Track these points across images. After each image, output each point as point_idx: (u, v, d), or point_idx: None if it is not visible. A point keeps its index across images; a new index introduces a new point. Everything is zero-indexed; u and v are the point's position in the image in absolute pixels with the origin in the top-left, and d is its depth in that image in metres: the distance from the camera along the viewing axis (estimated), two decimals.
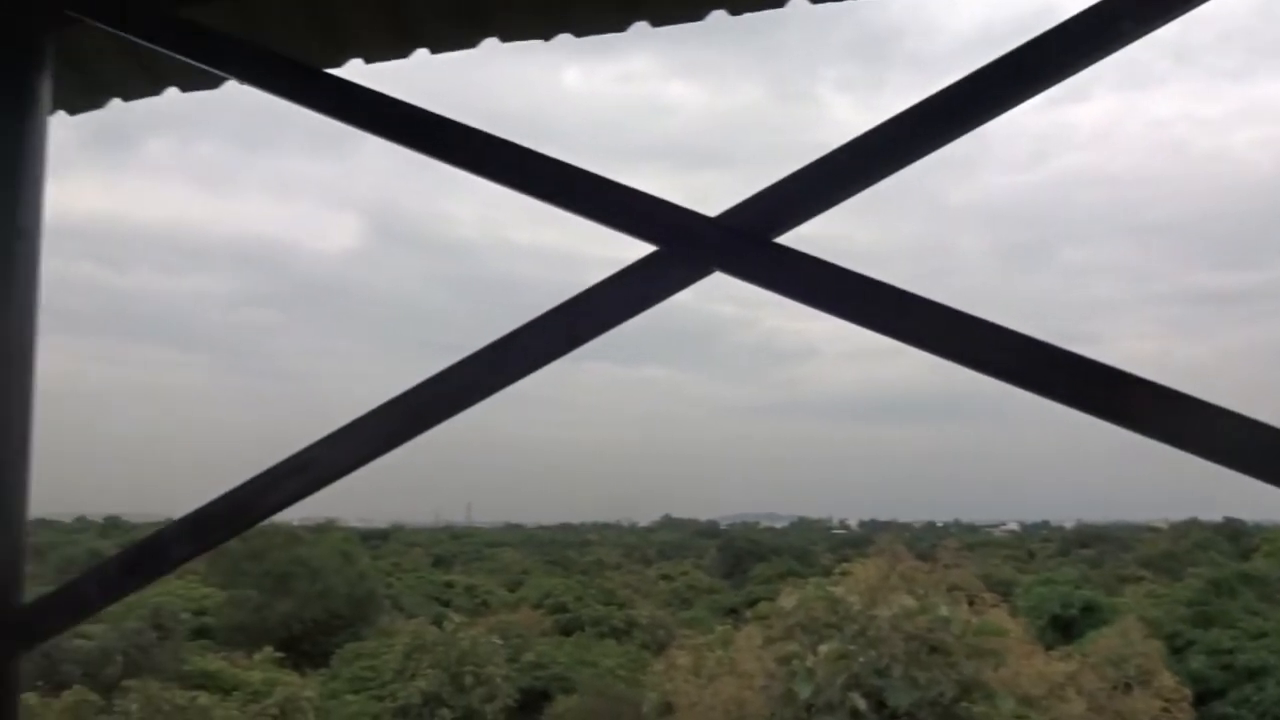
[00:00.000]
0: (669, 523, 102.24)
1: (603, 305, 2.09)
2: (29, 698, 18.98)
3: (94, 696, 20.05)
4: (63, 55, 2.70)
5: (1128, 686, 16.01)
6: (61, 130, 2.84)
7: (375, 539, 69.74)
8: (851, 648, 10.92)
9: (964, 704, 10.78)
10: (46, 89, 2.51)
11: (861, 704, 10.61)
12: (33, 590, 2.42)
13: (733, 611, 46.53)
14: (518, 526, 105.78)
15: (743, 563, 61.83)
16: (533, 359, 2.13)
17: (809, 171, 1.97)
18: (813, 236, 1.99)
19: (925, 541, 54.42)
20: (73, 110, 3.16)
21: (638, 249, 2.10)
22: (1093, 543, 70.54)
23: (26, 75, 2.46)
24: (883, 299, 1.85)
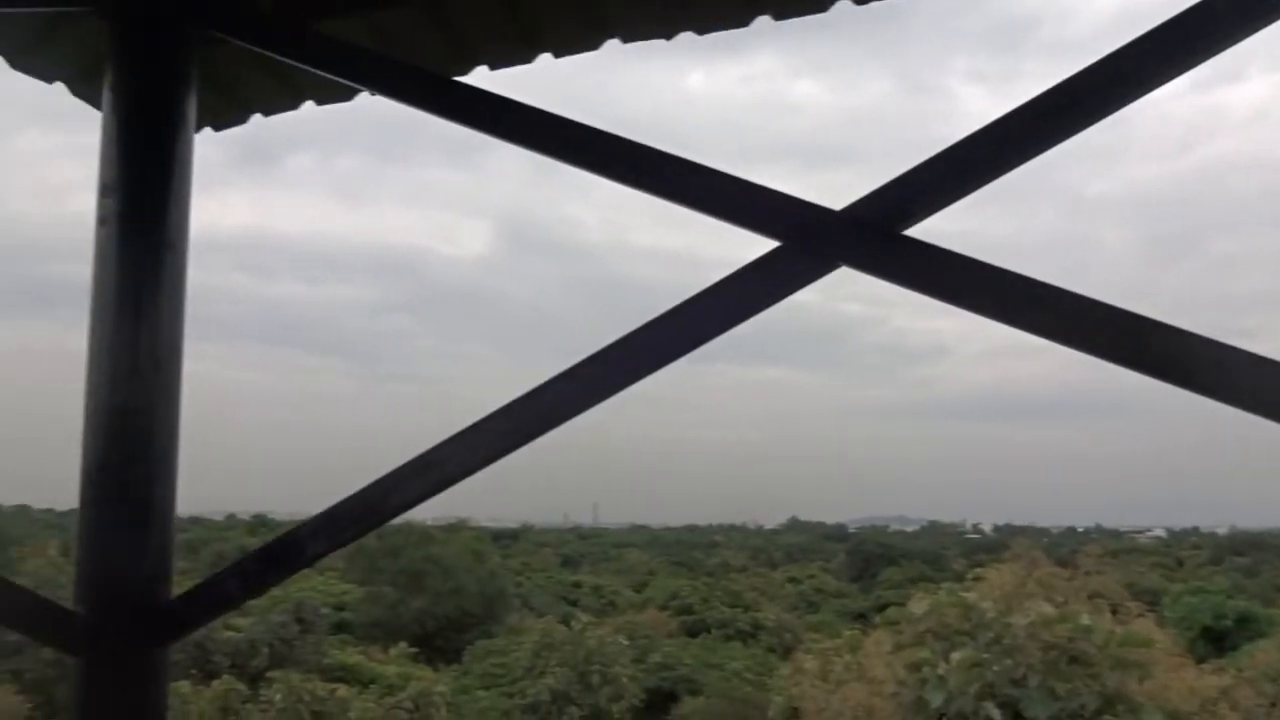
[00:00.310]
0: (795, 525, 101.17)
1: (725, 303, 2.06)
2: (183, 686, 20.05)
3: (241, 686, 21.02)
4: (206, 73, 2.83)
5: None
6: (212, 149, 2.97)
7: (505, 539, 71.20)
8: (986, 656, 10.57)
9: (1106, 717, 10.31)
10: (192, 106, 2.63)
11: (996, 714, 10.25)
12: (181, 584, 2.54)
13: (861, 616, 45.77)
14: (644, 528, 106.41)
15: (871, 567, 60.73)
16: (655, 358, 2.12)
17: (938, 161, 1.90)
18: (940, 232, 1.92)
19: (1064, 547, 52.42)
20: (217, 126, 3.31)
21: (762, 248, 2.06)
22: (1247, 550, 66.73)
23: (173, 93, 2.58)
24: (1020, 292, 1.77)
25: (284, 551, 2.42)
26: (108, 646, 2.41)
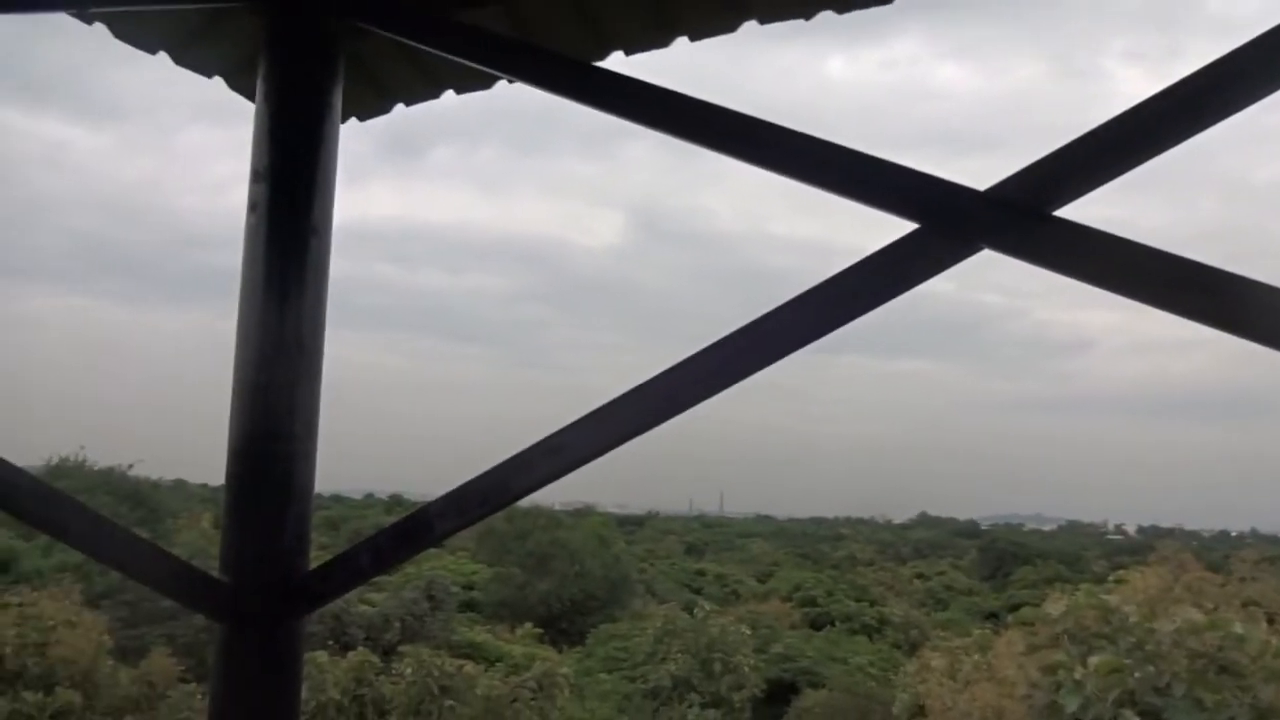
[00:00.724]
0: (925, 520, 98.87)
1: (860, 286, 2.01)
2: (320, 656, 20.93)
3: (374, 658, 21.79)
4: (353, 64, 2.91)
5: None
6: (360, 142, 3.05)
7: (631, 525, 71.89)
8: (1127, 661, 10.08)
9: None
10: (338, 96, 2.71)
11: None
12: (319, 558, 2.63)
13: (992, 615, 44.54)
14: (769, 518, 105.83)
15: (1004, 565, 58.91)
16: (786, 343, 2.08)
17: (1088, 140, 1.80)
18: (1089, 221, 1.82)
19: (1216, 551, 49.72)
20: (362, 117, 3.41)
21: (900, 232, 2.00)
22: None
23: (322, 83, 2.66)
24: (1180, 275, 1.65)
25: (414, 529, 2.48)
26: (249, 615, 2.52)
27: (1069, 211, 1.82)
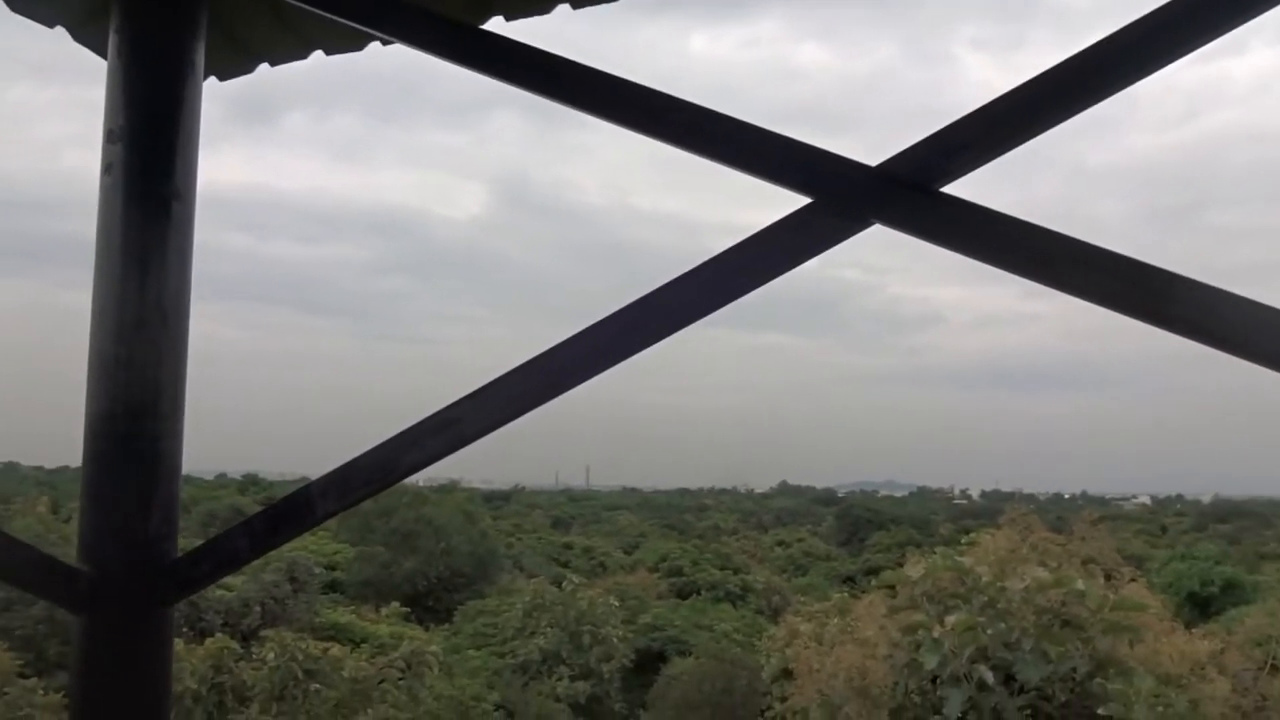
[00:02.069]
0: (786, 489, 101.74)
1: (751, 261, 2.01)
2: (175, 644, 20.10)
3: (234, 644, 21.10)
4: (214, 20, 2.74)
5: (1274, 668, 15.21)
6: (208, 105, 2.87)
7: (497, 500, 71.54)
8: (980, 619, 10.63)
9: (1098, 680, 10.40)
10: (200, 53, 2.55)
11: (989, 677, 10.33)
12: (183, 542, 2.49)
13: (849, 579, 46.17)
14: (635, 490, 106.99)
15: (860, 531, 61.25)
16: (676, 318, 2.07)
17: (976, 117, 1.84)
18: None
19: (1052, 513, 52.83)
20: (222, 76, 3.22)
21: (766, 213, 2.01)
22: (1231, 518, 67.46)
23: (181, 40, 2.50)
24: (1064, 251, 1.71)
25: (294, 510, 2.37)
26: (112, 605, 2.37)
27: (956, 188, 1.86)
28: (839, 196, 1.94)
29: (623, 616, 32.71)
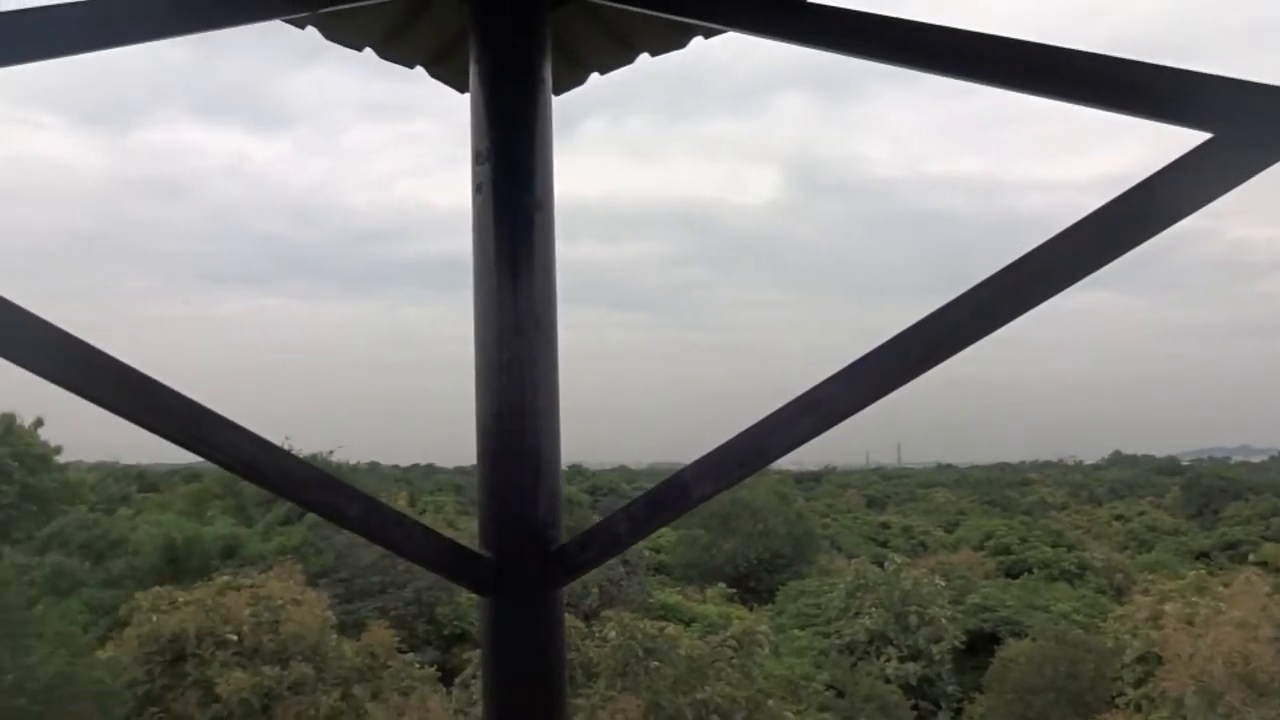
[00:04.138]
0: (1120, 459, 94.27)
1: (1144, 209, 1.85)
2: None
3: (580, 624, 22.46)
4: (553, 38, 2.91)
5: None
6: None
7: (808, 481, 71.42)
8: None
9: None
10: (549, 71, 2.71)
11: None
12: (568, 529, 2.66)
13: (1203, 555, 42.25)
14: (950, 467, 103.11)
15: (1212, 502, 55.58)
16: (1058, 279, 1.95)
17: None
18: None
19: None
20: (559, 90, 3.41)
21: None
22: None
23: (533, 61, 2.67)
24: None
25: (670, 495, 2.46)
26: (513, 588, 2.57)
27: None
28: (1246, 128, 1.75)
29: (950, 596, 31.69)
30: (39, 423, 35.38)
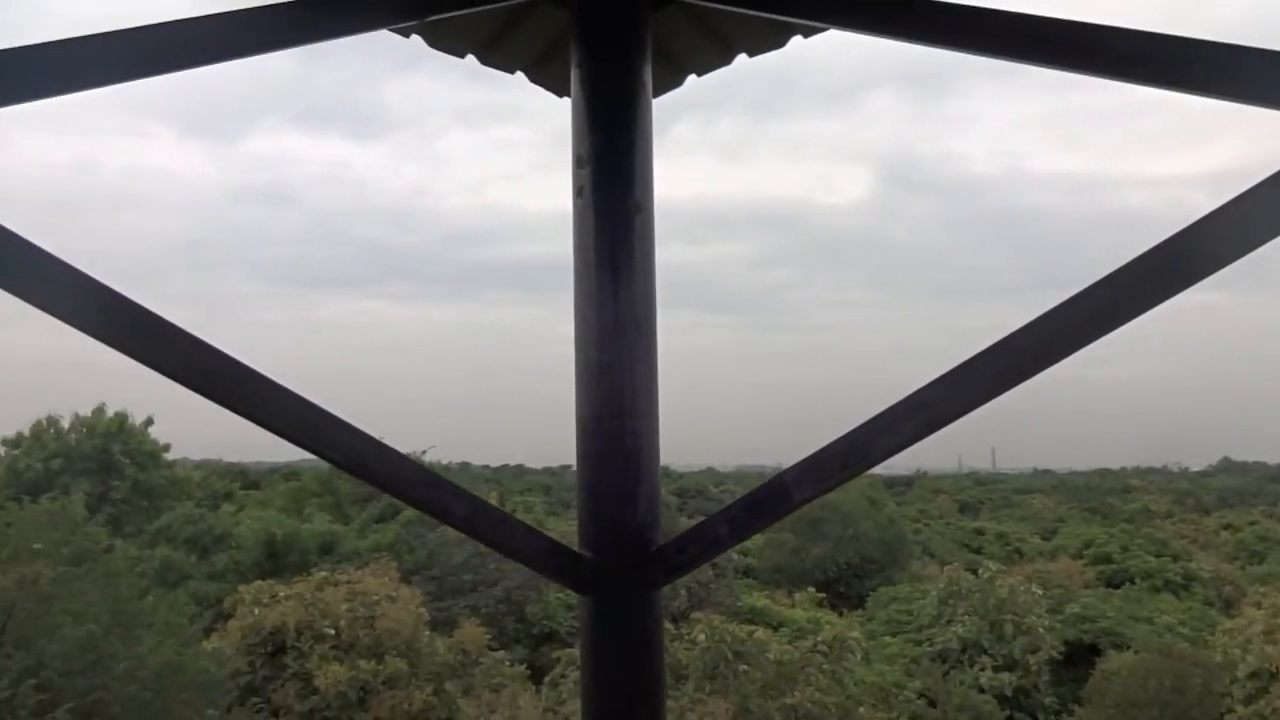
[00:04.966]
0: (1229, 466, 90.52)
1: (1258, 215, 1.79)
2: None
3: (669, 626, 22.50)
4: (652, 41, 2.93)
5: None
6: None
7: (899, 485, 70.27)
8: None
9: None
10: (649, 74, 2.73)
11: None
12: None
13: None
14: (1047, 472, 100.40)
15: None
16: (1170, 282, 1.90)
17: None
18: None
19: None
20: (657, 93, 3.43)
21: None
22: None
23: (633, 64, 2.69)
24: None
25: (771, 497, 2.46)
26: (612, 588, 2.59)
27: None
28: None
29: (1047, 606, 30.83)
30: (149, 421, 36.94)
